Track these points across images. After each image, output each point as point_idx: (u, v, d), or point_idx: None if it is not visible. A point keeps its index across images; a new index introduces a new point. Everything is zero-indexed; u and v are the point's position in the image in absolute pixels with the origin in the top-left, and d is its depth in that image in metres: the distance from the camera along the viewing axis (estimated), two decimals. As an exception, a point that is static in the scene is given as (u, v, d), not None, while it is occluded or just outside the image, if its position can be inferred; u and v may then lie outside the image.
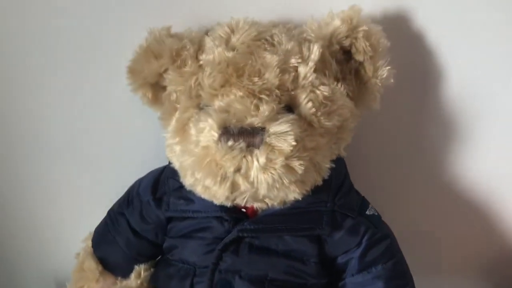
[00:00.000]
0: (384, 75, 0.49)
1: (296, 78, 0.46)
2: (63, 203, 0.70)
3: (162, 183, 0.56)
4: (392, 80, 0.50)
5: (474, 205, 0.68)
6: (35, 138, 0.65)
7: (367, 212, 0.52)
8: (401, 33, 0.57)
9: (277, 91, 0.45)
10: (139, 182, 0.58)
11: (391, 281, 0.51)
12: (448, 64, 0.60)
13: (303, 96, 0.45)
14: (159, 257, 0.59)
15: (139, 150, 0.65)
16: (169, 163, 0.53)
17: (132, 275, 0.56)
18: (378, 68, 0.49)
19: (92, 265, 0.57)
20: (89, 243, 0.60)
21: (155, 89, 0.53)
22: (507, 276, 0.71)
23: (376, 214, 0.52)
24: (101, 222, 0.60)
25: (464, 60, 0.60)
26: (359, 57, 0.49)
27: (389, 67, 0.49)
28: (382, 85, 0.50)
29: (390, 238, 0.52)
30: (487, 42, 0.57)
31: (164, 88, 0.52)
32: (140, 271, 0.56)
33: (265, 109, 0.43)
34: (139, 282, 0.55)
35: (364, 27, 0.48)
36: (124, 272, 0.57)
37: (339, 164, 0.52)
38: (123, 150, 0.66)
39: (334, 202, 0.50)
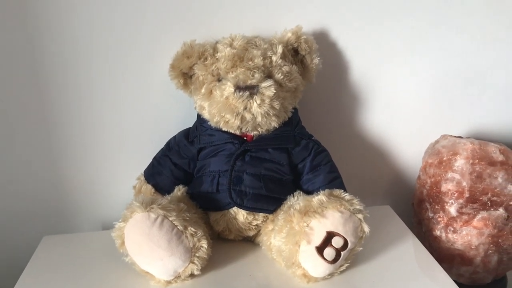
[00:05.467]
0: (316, 63, 0.77)
1: (271, 62, 0.72)
2: (110, 166, 0.88)
3: (193, 131, 0.78)
4: (320, 66, 0.78)
5: (372, 146, 0.94)
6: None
7: (313, 138, 0.78)
8: (323, 39, 0.83)
9: (262, 68, 0.70)
10: (173, 138, 0.79)
11: (328, 174, 0.75)
12: (353, 56, 0.85)
13: (276, 70, 0.71)
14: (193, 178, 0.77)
15: (168, 121, 0.85)
16: (198, 117, 0.77)
17: (175, 189, 0.74)
18: (313, 59, 0.77)
19: (147, 187, 0.78)
20: (142, 177, 0.80)
21: (185, 77, 0.77)
22: (400, 194, 0.98)
23: (317, 140, 0.78)
24: (148, 166, 0.80)
25: (362, 53, 0.84)
26: (302, 52, 0.76)
27: (319, 58, 0.77)
28: (315, 68, 0.77)
29: (327, 151, 0.77)
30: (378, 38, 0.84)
31: (190, 77, 0.77)
32: (180, 187, 0.74)
33: (257, 76, 0.69)
34: (179, 193, 0.73)
35: (304, 36, 0.75)
36: (170, 192, 0.74)
37: (296, 111, 0.77)
38: (158, 122, 0.86)
39: (295, 131, 0.75)
